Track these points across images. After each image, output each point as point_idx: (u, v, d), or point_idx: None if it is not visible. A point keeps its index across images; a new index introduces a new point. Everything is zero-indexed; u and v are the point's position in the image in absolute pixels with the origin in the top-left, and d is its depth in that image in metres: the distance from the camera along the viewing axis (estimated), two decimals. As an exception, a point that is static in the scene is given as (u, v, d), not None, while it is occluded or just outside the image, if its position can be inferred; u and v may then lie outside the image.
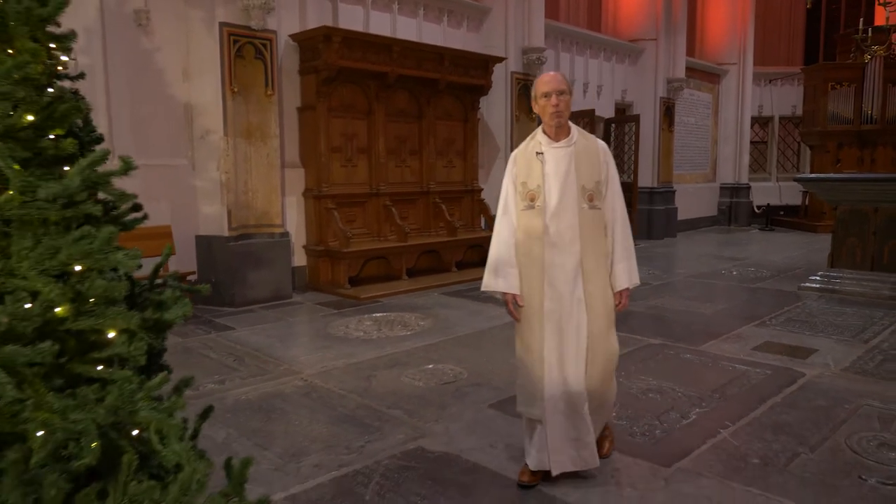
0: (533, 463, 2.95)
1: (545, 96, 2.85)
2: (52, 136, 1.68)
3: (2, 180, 1.55)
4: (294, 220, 7.70)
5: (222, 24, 6.61)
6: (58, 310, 1.47)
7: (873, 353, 5.06)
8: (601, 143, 3.01)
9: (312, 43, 7.44)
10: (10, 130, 1.54)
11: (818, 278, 7.63)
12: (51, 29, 1.57)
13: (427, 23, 9.19)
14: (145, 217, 1.83)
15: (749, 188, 16.33)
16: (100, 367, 1.59)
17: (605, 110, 12.41)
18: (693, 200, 15.08)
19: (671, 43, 12.97)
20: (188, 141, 6.92)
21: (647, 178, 12.93)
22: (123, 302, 1.66)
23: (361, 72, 7.77)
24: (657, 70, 12.89)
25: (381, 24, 8.59)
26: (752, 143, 16.59)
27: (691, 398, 4.10)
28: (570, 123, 2.94)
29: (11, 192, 1.47)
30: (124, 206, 1.71)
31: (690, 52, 14.60)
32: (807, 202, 15.19)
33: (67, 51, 1.70)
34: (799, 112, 16.01)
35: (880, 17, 14.08)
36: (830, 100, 14.19)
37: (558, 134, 2.89)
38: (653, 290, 7.73)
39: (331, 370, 4.71)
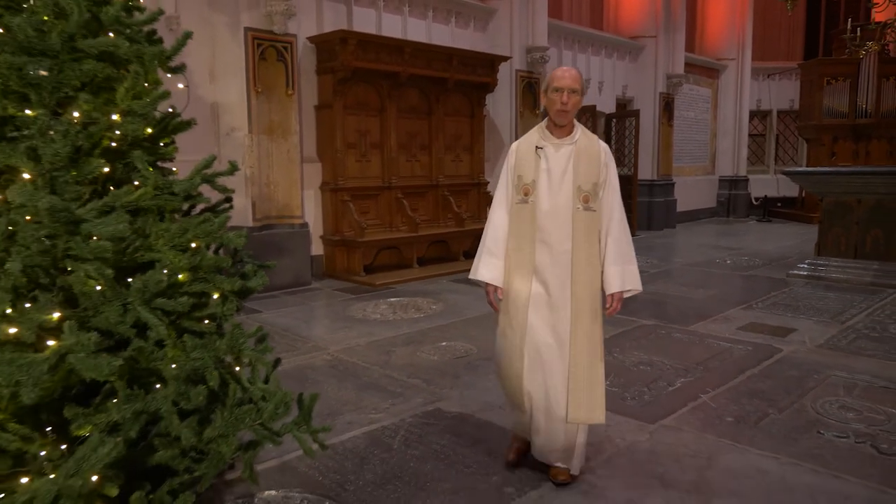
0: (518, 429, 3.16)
1: (556, 91, 2.80)
2: (162, 143, 2.19)
3: (124, 177, 2.05)
4: (312, 212, 8.20)
5: (247, 29, 7.08)
6: (181, 276, 1.97)
7: (847, 332, 5.54)
8: (603, 144, 2.96)
9: (329, 45, 7.91)
10: (136, 140, 2.04)
11: (805, 266, 8.11)
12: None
13: (436, 24, 9.64)
14: (231, 207, 2.32)
15: (747, 180, 16.76)
16: (206, 322, 2.10)
17: (606, 106, 12.85)
18: (693, 192, 15.53)
19: (671, 40, 13.38)
20: (215, 138, 7.41)
21: (646, 171, 13.37)
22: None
23: (375, 72, 8.24)
24: (657, 66, 13.30)
25: (393, 26, 9.04)
26: (750, 136, 17.01)
27: (678, 370, 4.60)
28: (576, 122, 2.92)
29: (146, 188, 1.96)
30: (219, 199, 2.20)
31: (690, 47, 15.01)
32: (803, 194, 15.60)
33: (173, 71, 2.20)
34: (796, 106, 16.41)
35: (879, 12, 14.45)
36: (826, 94, 14.59)
37: (561, 131, 2.87)
38: (650, 278, 8.21)
39: (353, 347, 5.21)
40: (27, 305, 1.69)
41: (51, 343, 1.58)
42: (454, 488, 2.96)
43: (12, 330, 1.56)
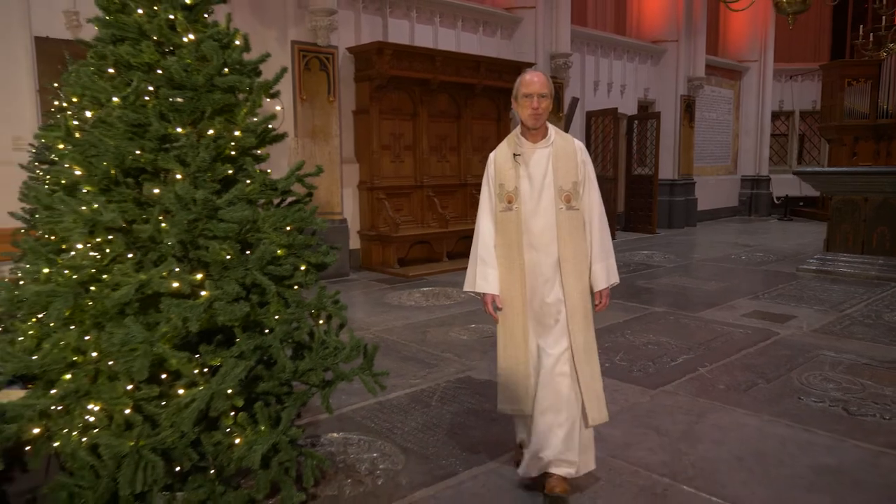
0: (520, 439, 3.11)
1: (526, 97, 2.82)
2: (258, 151, 2.85)
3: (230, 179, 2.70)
4: (350, 209, 8.89)
5: (294, 42, 7.79)
6: (279, 251, 2.62)
7: (843, 320, 6.04)
8: (578, 143, 2.99)
9: (367, 55, 8.58)
10: (246, 149, 2.70)
11: (814, 261, 8.56)
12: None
13: (465, 32, 10.27)
14: (311, 200, 2.97)
15: (769, 180, 17.07)
16: (295, 287, 2.75)
17: (628, 108, 13.35)
18: (714, 192, 15.94)
19: (692, 44, 13.82)
20: (264, 141, 8.12)
21: (667, 171, 13.83)
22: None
23: (408, 79, 8.89)
24: (678, 69, 13.75)
25: (425, 35, 9.70)
26: (773, 136, 17.32)
27: (681, 348, 5.16)
28: (548, 124, 2.95)
29: (254, 185, 2.61)
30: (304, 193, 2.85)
31: (713, 50, 15.41)
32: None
33: (272, 97, 2.85)
34: (818, 107, 16.67)
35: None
36: (847, 95, 14.87)
37: (535, 135, 2.90)
38: (666, 272, 8.74)
39: (392, 328, 5.86)
40: (176, 269, 2.35)
41: (203, 293, 2.24)
42: (482, 435, 3.58)
43: (175, 284, 2.21)
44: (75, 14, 6.78)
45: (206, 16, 2.68)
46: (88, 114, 2.56)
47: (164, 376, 2.33)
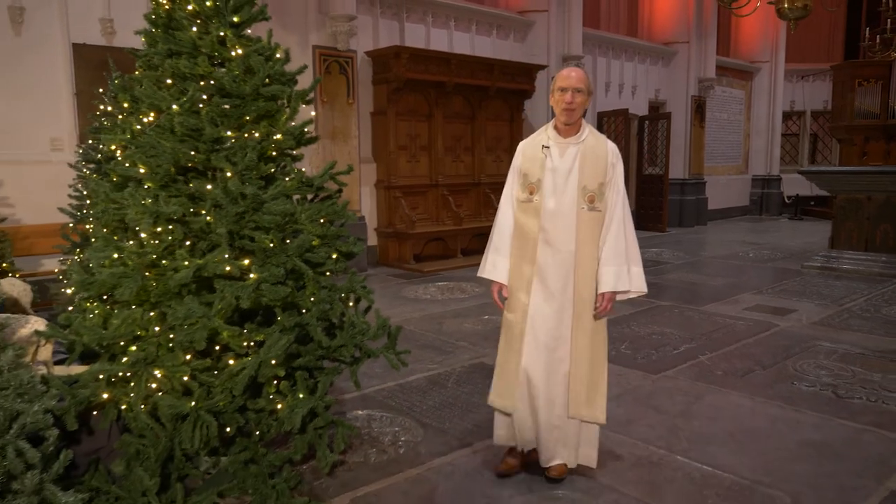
0: (500, 440, 3.12)
1: (561, 91, 2.82)
2: (294, 152, 3.18)
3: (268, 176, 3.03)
4: (368, 207, 9.23)
5: (315, 47, 8.13)
6: (314, 241, 2.95)
7: (842, 313, 6.28)
8: (611, 144, 2.94)
9: (384, 59, 8.92)
10: (284, 149, 3.03)
11: (819, 258, 8.78)
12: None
13: (479, 36, 10.57)
14: (341, 195, 3.29)
15: (780, 179, 17.22)
16: (327, 274, 3.08)
17: (640, 109, 13.59)
18: (725, 191, 16.13)
19: (702, 45, 14.04)
20: (286, 141, 8.48)
21: (678, 170, 14.06)
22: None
23: (424, 82, 9.22)
24: (689, 70, 13.97)
25: (440, 39, 10.02)
26: (784, 136, 17.47)
27: (684, 338, 5.44)
28: (584, 122, 2.92)
29: (292, 181, 2.94)
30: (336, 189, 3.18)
31: (724, 51, 15.60)
32: (835, 193, 16.02)
33: (307, 103, 3.18)
34: (830, 107, 16.80)
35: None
36: (857, 96, 15.01)
37: (568, 131, 2.87)
38: (674, 268, 8.99)
39: (410, 319, 6.18)
40: (226, 256, 2.68)
41: (252, 276, 2.57)
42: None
43: (227, 268, 2.55)
44: (110, 21, 7.16)
45: (248, 31, 3.02)
46: (146, 119, 2.90)
47: (217, 348, 2.67)
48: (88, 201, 4.59)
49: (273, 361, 2.59)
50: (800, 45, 17.34)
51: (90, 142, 4.73)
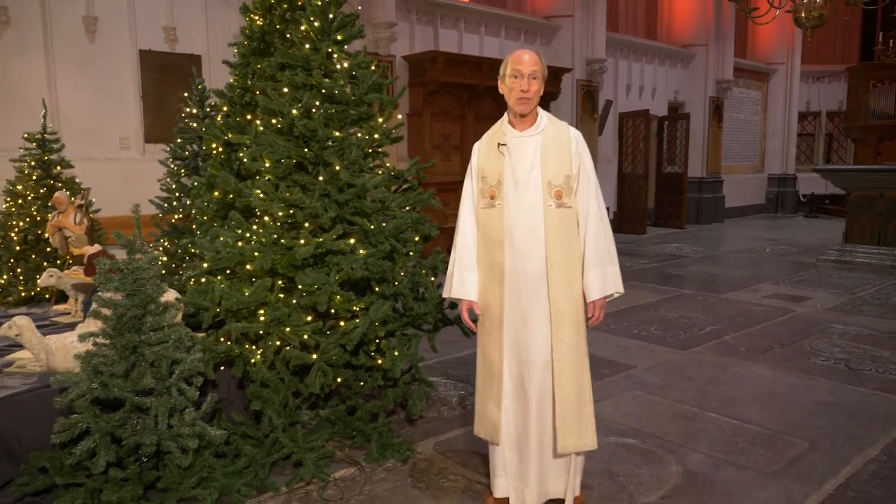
0: (498, 491, 2.70)
1: (515, 76, 2.49)
2: (381, 149, 3.72)
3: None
4: (404, 203, 9.77)
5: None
6: (405, 225, 3.48)
7: (854, 301, 6.75)
8: (574, 131, 2.61)
9: (420, 63, 9.47)
10: (376, 147, 3.58)
11: (834, 252, 9.23)
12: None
13: (507, 40, 11.10)
14: (420, 185, 3.83)
15: (795, 178, 17.62)
16: (409, 254, 3.62)
17: (659, 109, 14.07)
18: (742, 189, 16.57)
19: (720, 47, 14.49)
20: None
21: (696, 169, 14.51)
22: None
23: (457, 84, 9.76)
24: (707, 72, 14.43)
25: (472, 44, 10.56)
26: (800, 136, 17.86)
27: (708, 321, 5.94)
28: (539, 110, 2.60)
29: (385, 174, 3.48)
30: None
31: (741, 52, 16.03)
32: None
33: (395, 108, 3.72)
34: (845, 108, 17.17)
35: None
36: (872, 97, 15.38)
37: (524, 122, 2.56)
38: (694, 261, 9.47)
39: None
40: (333, 237, 3.23)
41: (361, 251, 3.11)
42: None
43: (340, 245, 3.09)
44: (173, 30, 7.76)
45: (345, 46, 3.57)
46: (258, 121, 3.46)
47: (324, 311, 3.22)
48: (177, 194, 5.17)
49: (377, 323, 3.13)
50: (815, 47, 17.70)
51: (178, 140, 5.28)
